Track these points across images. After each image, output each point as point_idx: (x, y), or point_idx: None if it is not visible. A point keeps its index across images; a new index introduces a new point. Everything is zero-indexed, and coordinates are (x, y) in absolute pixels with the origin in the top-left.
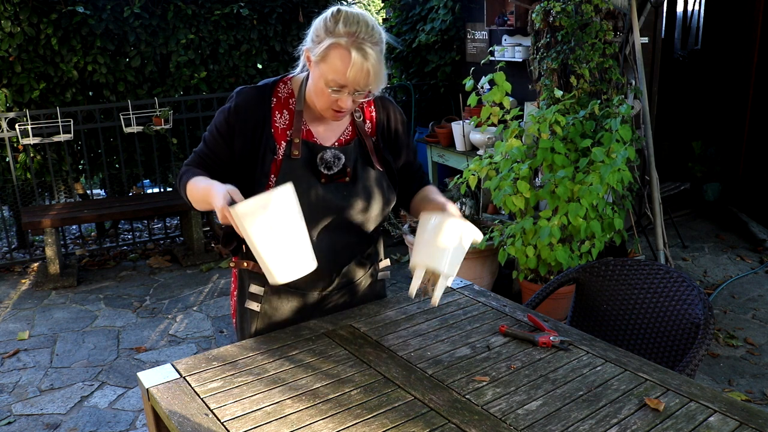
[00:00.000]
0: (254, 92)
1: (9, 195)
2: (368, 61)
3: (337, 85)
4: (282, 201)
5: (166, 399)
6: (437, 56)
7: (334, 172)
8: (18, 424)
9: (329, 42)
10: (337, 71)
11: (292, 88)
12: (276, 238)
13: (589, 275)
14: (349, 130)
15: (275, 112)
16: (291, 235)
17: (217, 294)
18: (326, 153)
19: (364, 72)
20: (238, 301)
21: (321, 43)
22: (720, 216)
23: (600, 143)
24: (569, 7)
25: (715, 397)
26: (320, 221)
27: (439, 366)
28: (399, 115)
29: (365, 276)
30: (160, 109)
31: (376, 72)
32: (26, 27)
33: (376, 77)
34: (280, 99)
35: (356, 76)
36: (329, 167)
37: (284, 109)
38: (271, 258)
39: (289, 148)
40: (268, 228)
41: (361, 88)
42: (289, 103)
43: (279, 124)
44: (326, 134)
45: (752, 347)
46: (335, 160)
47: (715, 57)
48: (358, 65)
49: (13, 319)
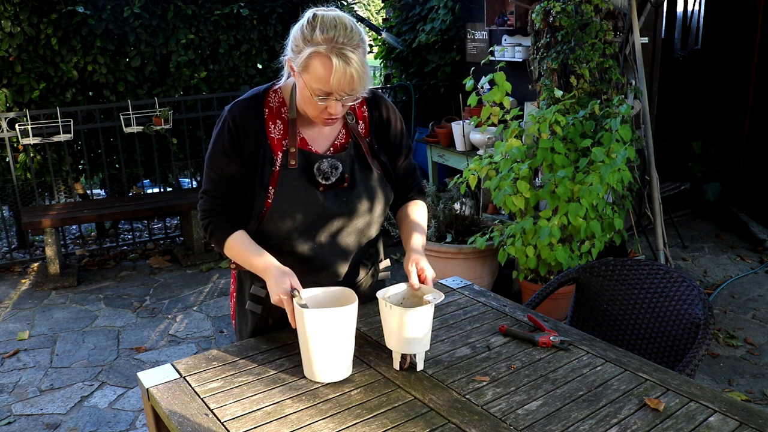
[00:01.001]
0: (247, 104)
1: (9, 195)
2: (351, 65)
3: (323, 93)
4: (346, 318)
5: (166, 399)
6: (437, 56)
7: (332, 182)
8: (18, 424)
9: (309, 51)
10: (321, 80)
11: (282, 97)
12: (330, 347)
13: (589, 275)
14: (343, 134)
15: (269, 123)
16: (342, 347)
17: (217, 294)
18: (323, 163)
19: (348, 77)
20: (237, 302)
21: (301, 53)
22: (720, 216)
23: (600, 143)
24: (569, 7)
25: (715, 397)
26: (322, 228)
27: (439, 366)
28: (391, 109)
29: (366, 277)
30: (160, 109)
31: (359, 75)
32: (26, 27)
33: (360, 80)
34: (272, 109)
35: (340, 83)
36: (327, 177)
37: (277, 119)
38: (320, 361)
39: (285, 157)
40: (327, 337)
41: (347, 93)
42: (281, 112)
43: (274, 134)
44: (321, 140)
45: (752, 347)
46: (332, 170)
47: (715, 57)
48: (341, 72)
49: (13, 319)
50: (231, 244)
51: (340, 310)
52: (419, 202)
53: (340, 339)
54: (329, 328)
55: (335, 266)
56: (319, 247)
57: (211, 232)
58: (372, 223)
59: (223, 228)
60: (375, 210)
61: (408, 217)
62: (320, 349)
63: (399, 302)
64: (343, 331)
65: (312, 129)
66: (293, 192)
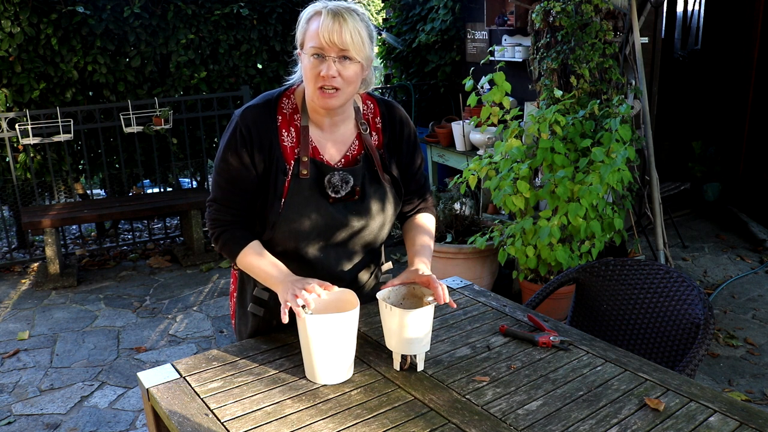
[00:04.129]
0: (260, 110)
1: (9, 195)
2: (343, 23)
3: (317, 50)
4: (348, 322)
5: (166, 399)
6: (437, 56)
7: (342, 195)
8: (18, 424)
9: (309, 16)
10: (314, 36)
11: (295, 103)
12: (332, 351)
13: (589, 275)
14: (356, 145)
15: (282, 131)
16: (344, 350)
17: (217, 294)
18: (334, 176)
19: (338, 31)
20: (238, 303)
21: (303, 27)
22: (720, 216)
23: (600, 143)
24: (569, 7)
25: (715, 397)
26: (330, 238)
27: (439, 366)
28: (405, 121)
29: (369, 280)
30: (160, 109)
31: (352, 36)
32: (26, 27)
33: (353, 41)
34: (285, 116)
35: (332, 36)
36: (337, 191)
37: (290, 126)
38: (321, 365)
39: (297, 166)
40: (329, 341)
41: (339, 51)
42: (294, 119)
43: (287, 143)
44: (333, 151)
45: (752, 347)
46: (343, 183)
47: (715, 57)
48: (331, 25)
49: (13, 319)
50: (246, 259)
51: (341, 315)
52: (428, 215)
53: (342, 343)
54: (331, 332)
55: (339, 274)
56: (324, 257)
57: (223, 243)
58: (379, 236)
59: (237, 238)
60: (383, 223)
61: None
62: (322, 353)
63: (399, 303)
64: (345, 335)
65: (324, 138)
66: (303, 202)
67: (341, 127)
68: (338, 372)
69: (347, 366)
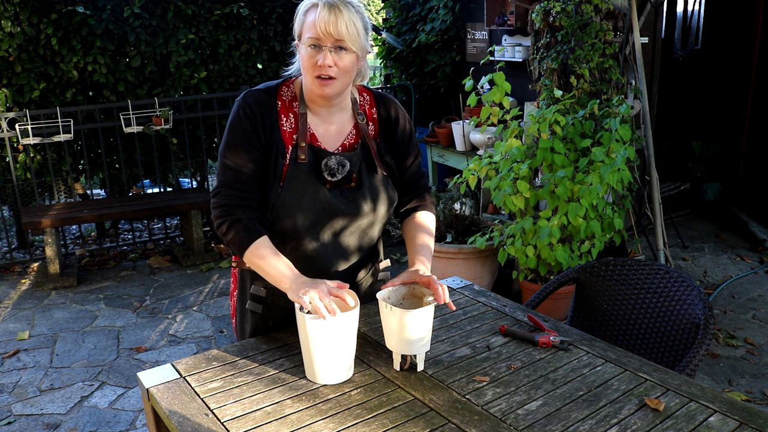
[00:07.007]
0: (262, 94)
1: (9, 195)
2: (340, 14)
3: (313, 40)
4: (348, 323)
5: (166, 399)
6: (437, 56)
7: (339, 179)
8: (18, 424)
9: (306, 8)
10: (311, 27)
11: (294, 92)
12: (332, 351)
13: (589, 275)
14: (353, 134)
15: (281, 116)
16: (344, 350)
17: (217, 294)
18: (330, 160)
19: (333, 20)
20: (238, 301)
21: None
22: (720, 216)
23: (600, 143)
24: (569, 7)
25: (715, 397)
26: (326, 226)
27: (439, 366)
28: (400, 110)
29: (366, 277)
30: (160, 109)
31: (347, 26)
32: (26, 27)
33: (348, 31)
34: (284, 102)
35: (327, 26)
36: (333, 174)
37: (289, 112)
38: (321, 365)
39: (295, 151)
40: (329, 342)
41: (335, 41)
42: (293, 106)
43: (286, 127)
44: (330, 138)
45: (752, 347)
46: (339, 167)
47: (715, 57)
48: (329, 16)
49: (13, 319)
50: (253, 256)
51: (342, 315)
52: (428, 214)
53: (342, 343)
54: (331, 333)
55: (336, 265)
56: (321, 245)
57: (234, 234)
58: (375, 224)
59: (249, 231)
60: (379, 211)
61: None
62: (322, 354)
63: (399, 303)
64: (345, 335)
65: (322, 126)
66: (301, 187)
67: (338, 116)
68: (338, 372)
69: (347, 366)
